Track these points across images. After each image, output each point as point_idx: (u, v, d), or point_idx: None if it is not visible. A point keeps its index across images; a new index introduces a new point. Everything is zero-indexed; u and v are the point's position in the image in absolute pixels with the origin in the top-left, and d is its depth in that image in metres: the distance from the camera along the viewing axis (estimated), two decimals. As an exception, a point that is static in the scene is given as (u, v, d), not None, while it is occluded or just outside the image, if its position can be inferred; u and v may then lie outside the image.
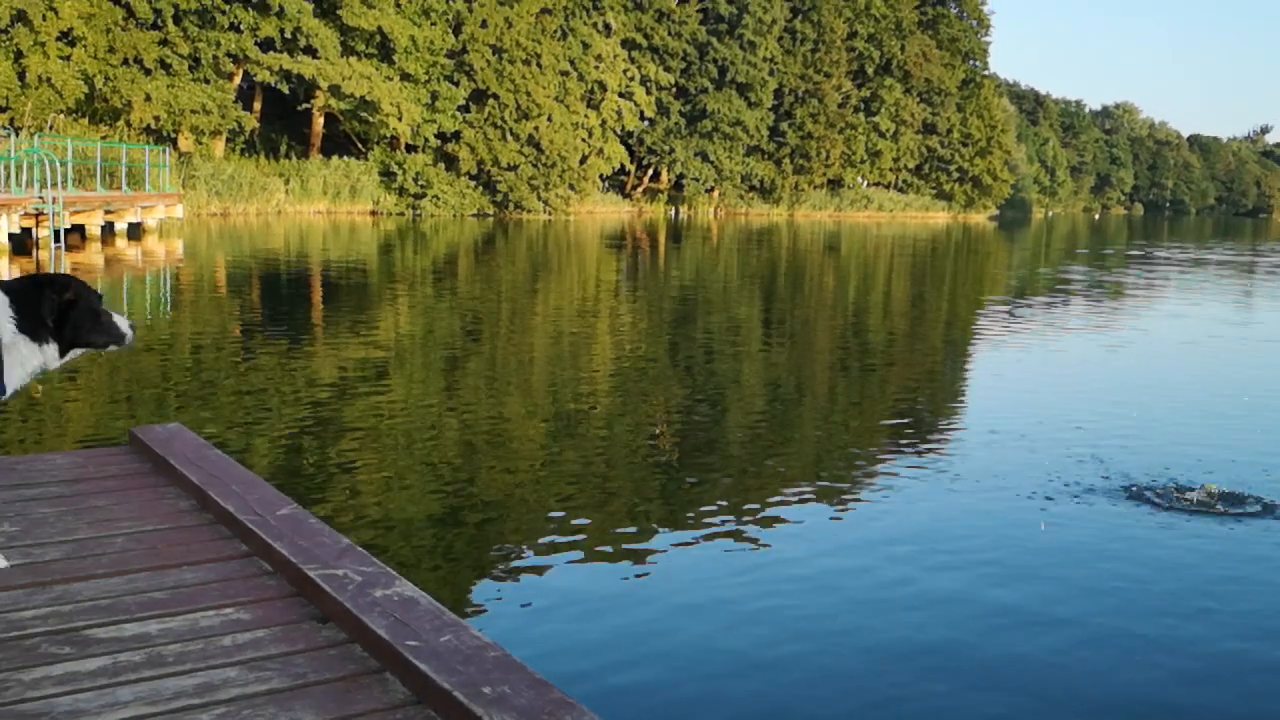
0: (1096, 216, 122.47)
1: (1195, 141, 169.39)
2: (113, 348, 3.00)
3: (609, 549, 5.47)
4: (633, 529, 5.82)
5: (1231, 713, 3.95)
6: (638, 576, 5.13)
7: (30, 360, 2.83)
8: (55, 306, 2.80)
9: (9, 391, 2.80)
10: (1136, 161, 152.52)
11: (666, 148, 64.83)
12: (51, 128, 32.76)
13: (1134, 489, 6.56)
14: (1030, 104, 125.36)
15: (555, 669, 3.67)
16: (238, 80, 43.30)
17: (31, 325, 2.80)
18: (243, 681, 2.31)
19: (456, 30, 47.22)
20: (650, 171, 67.90)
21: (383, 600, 2.61)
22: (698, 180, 66.42)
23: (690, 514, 6.11)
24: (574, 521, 5.88)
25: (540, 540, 5.57)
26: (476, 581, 5.04)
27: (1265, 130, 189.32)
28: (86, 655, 2.41)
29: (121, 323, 2.99)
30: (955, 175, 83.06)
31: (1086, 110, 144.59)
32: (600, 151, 56.65)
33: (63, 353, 2.91)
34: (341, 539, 3.07)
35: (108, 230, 25.85)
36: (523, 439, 7.90)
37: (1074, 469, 7.03)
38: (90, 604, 2.70)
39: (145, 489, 3.67)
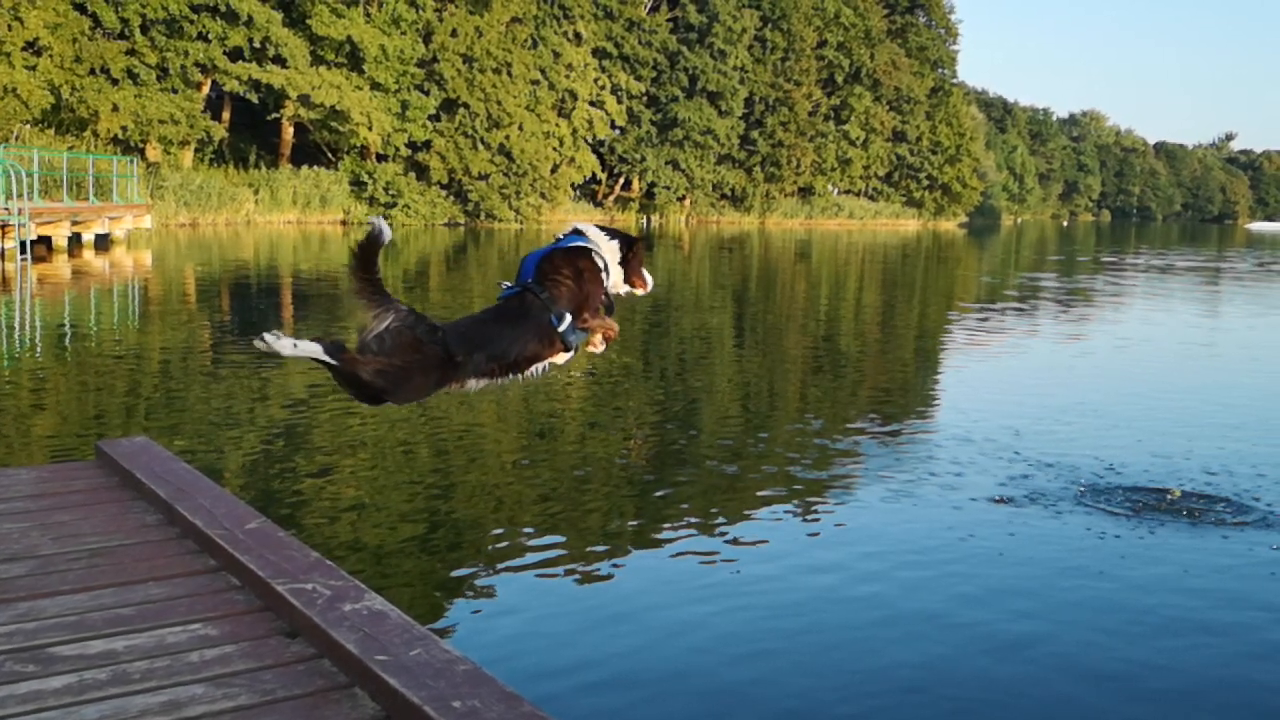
0: (1065, 223, 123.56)
1: (1161, 148, 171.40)
2: (639, 292, 3.48)
3: (579, 561, 5.46)
4: (603, 540, 5.82)
5: (1201, 709, 3.98)
6: (608, 588, 5.13)
7: (615, 274, 3.37)
8: (629, 243, 3.42)
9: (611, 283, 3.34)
10: (1104, 168, 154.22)
11: (638, 156, 64.97)
12: (17, 138, 32.40)
13: (1101, 493, 6.62)
14: (999, 112, 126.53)
15: (526, 681, 3.66)
16: (206, 90, 43.03)
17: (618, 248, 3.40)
18: (210, 698, 2.30)
19: (427, 39, 47.15)
20: (622, 180, 68.00)
21: (352, 614, 2.60)
22: (669, 188, 66.59)
23: (659, 524, 6.11)
24: (544, 533, 5.87)
25: (510, 553, 5.55)
26: (446, 595, 5.02)
27: (1230, 137, 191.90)
28: (51, 673, 2.39)
29: (649, 276, 3.54)
30: (925, 183, 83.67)
31: (1054, 118, 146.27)
32: (571, 160, 56.69)
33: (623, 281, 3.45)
34: (310, 553, 3.05)
35: (75, 241, 25.58)
36: (493, 451, 7.88)
37: (1042, 474, 7.08)
38: (55, 621, 2.67)
39: (112, 503, 3.64)
